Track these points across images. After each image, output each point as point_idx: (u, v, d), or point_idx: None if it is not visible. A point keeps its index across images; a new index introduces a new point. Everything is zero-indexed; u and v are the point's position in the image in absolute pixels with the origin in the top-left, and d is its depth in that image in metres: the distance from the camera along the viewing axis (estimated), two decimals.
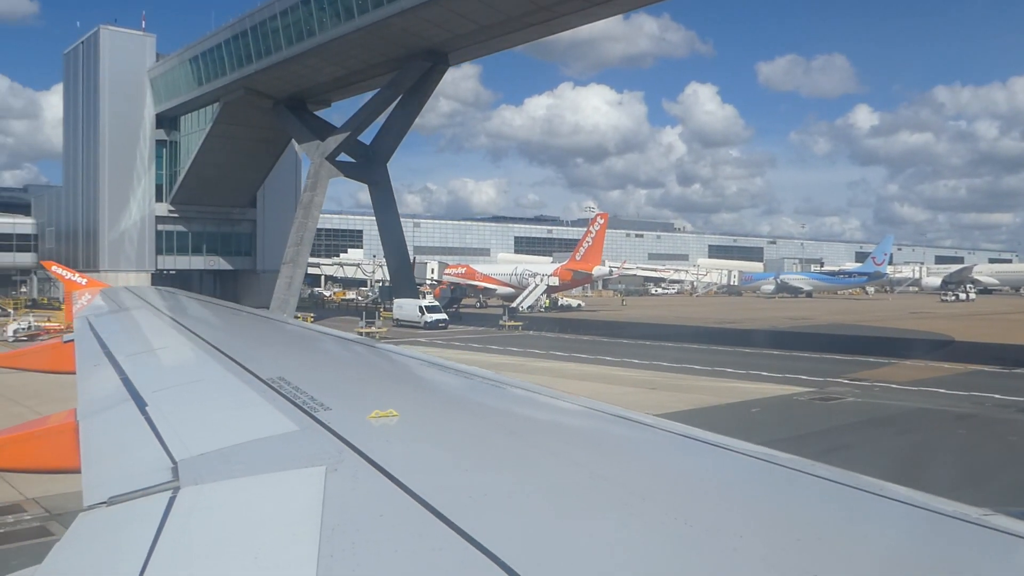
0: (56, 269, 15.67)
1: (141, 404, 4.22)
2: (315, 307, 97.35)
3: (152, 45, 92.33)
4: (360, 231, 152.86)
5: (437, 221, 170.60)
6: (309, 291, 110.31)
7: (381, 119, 74.71)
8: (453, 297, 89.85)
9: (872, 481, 2.63)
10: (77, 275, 14.49)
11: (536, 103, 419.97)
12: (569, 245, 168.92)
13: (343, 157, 74.50)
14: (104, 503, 2.75)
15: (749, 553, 2.05)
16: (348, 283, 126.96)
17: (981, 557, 2.17)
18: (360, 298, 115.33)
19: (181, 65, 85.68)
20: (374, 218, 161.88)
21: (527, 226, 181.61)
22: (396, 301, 71.51)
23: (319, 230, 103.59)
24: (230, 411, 4.09)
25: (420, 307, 69.21)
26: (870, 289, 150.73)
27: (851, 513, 2.49)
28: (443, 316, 69.03)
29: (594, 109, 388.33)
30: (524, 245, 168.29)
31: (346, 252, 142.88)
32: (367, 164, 75.02)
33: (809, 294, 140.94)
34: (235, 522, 2.50)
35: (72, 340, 7.28)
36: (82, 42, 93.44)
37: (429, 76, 68.51)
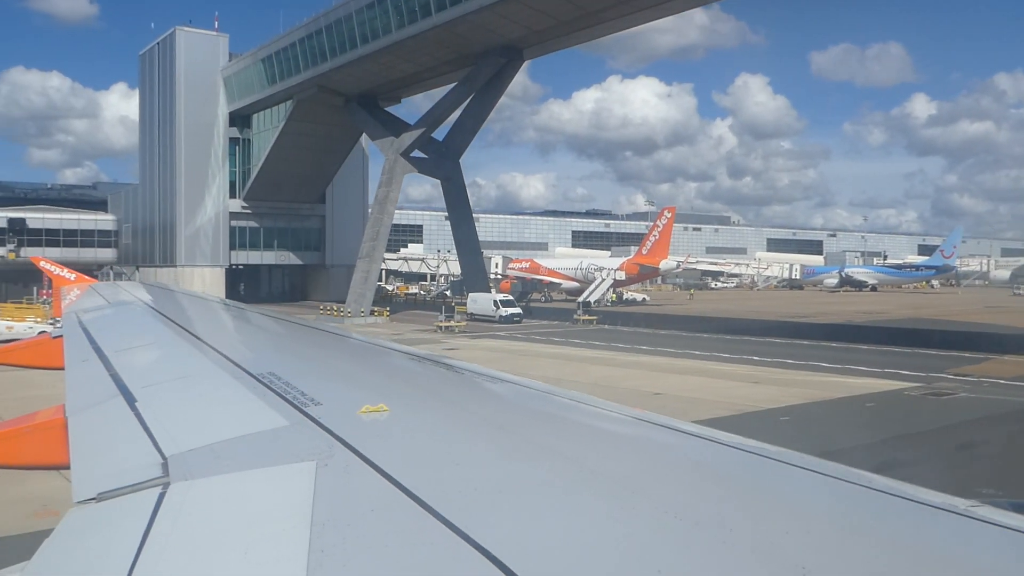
0: (44, 264, 15.35)
1: (130, 400, 4.19)
2: (381, 301, 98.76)
3: (225, 45, 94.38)
4: (420, 226, 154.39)
5: (495, 216, 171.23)
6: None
7: (446, 114, 75.58)
8: (523, 291, 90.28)
9: (860, 473, 2.64)
10: (65, 270, 14.40)
11: (584, 96, 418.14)
12: (625, 239, 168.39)
13: (416, 153, 75.38)
14: (93, 499, 2.74)
15: (739, 545, 2.06)
16: (409, 278, 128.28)
17: (968, 548, 2.17)
18: (423, 292, 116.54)
19: (254, 64, 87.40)
20: (434, 213, 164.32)
21: (584, 220, 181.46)
22: (470, 295, 72.12)
23: None
24: (220, 406, 4.07)
25: (494, 301, 69.74)
26: (935, 283, 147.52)
27: (840, 505, 2.49)
28: (518, 310, 69.48)
29: (643, 102, 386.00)
30: (581, 239, 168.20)
31: (406, 247, 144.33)
32: (440, 160, 75.82)
33: (874, 288, 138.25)
34: (225, 517, 2.50)
35: (61, 335, 7.24)
36: (158, 43, 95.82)
37: (503, 72, 69.01)
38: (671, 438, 3.32)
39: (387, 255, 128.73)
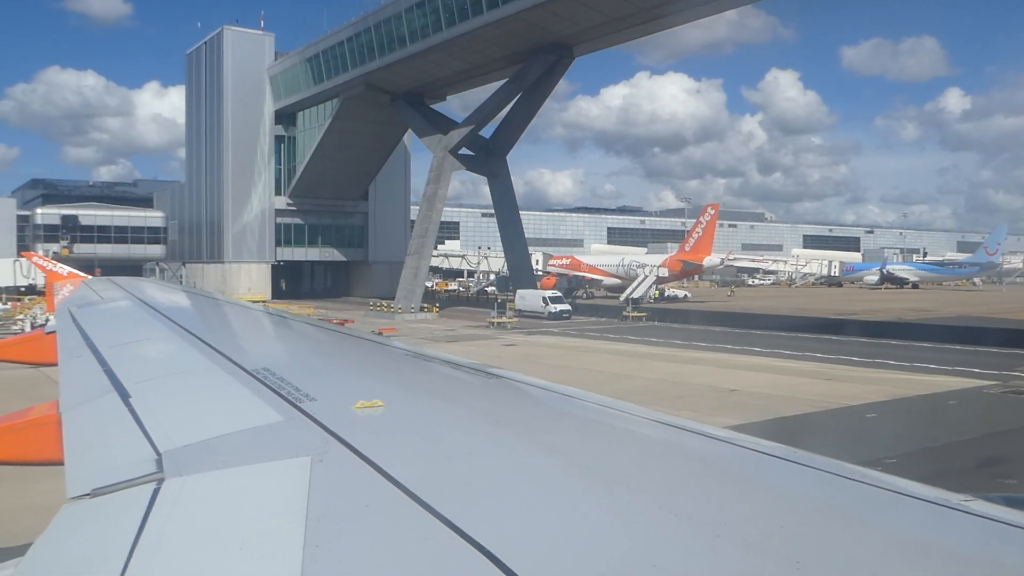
0: (37, 260, 15.03)
1: (124, 395, 4.17)
2: (423, 297, 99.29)
3: (271, 44, 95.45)
4: (456, 223, 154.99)
5: (531, 213, 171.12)
6: None
7: (494, 111, 75.82)
8: (569, 288, 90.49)
9: (854, 468, 2.65)
10: (58, 266, 14.30)
11: (612, 93, 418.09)
12: (660, 236, 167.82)
13: (462, 150, 75.78)
14: (88, 495, 2.74)
15: (732, 539, 2.07)
16: (447, 274, 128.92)
17: (962, 542, 2.18)
18: (462, 289, 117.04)
19: (301, 62, 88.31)
20: (470, 210, 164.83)
21: (619, 217, 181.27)
22: (518, 292, 72.41)
23: (412, 222, 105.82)
24: (215, 402, 4.05)
25: (543, 297, 69.99)
26: (977, 280, 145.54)
27: (833, 500, 2.51)
28: (567, 307, 69.68)
29: (672, 97, 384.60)
30: (616, 236, 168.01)
31: (443, 244, 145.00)
32: (487, 157, 76.17)
33: (915, 285, 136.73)
34: (220, 513, 2.50)
35: (54, 331, 7.23)
36: (205, 42, 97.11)
37: (553, 70, 69.09)
38: (666, 434, 3.31)
39: None
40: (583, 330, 60.08)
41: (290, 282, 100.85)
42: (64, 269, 14.12)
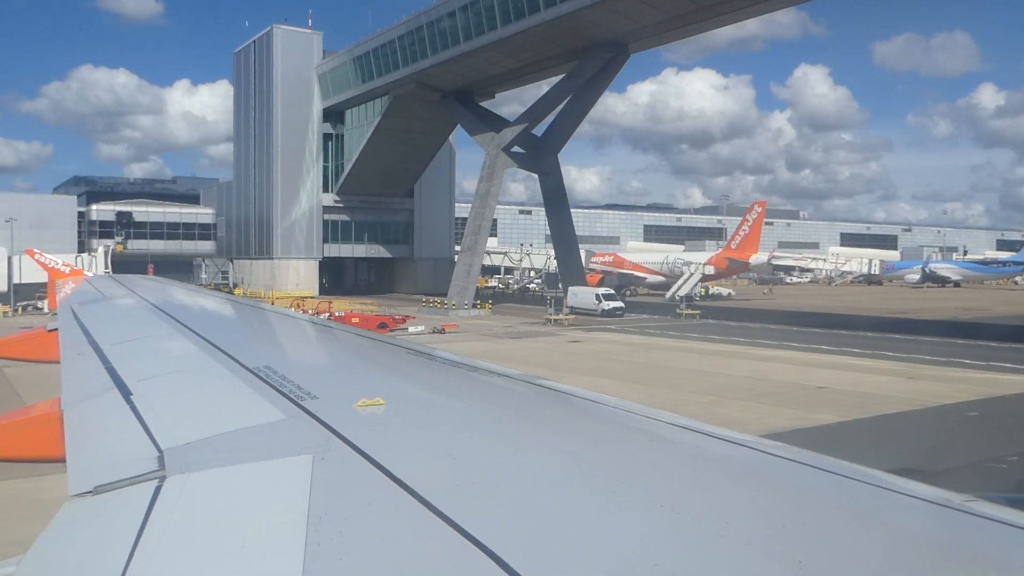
0: (39, 257, 15.11)
1: (126, 393, 4.16)
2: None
3: (319, 42, 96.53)
4: (494, 220, 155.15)
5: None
6: None
7: (548, 109, 76.09)
8: (619, 285, 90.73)
9: (856, 468, 2.64)
10: (60, 263, 14.30)
11: (639, 89, 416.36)
12: (696, 233, 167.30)
13: (513, 148, 76.19)
14: (90, 492, 2.74)
15: (735, 538, 2.07)
16: (486, 271, 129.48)
17: (963, 543, 2.18)
18: (501, 285, 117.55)
19: (350, 61, 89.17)
20: (507, 207, 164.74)
21: (655, 214, 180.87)
22: (570, 289, 72.75)
23: (456, 219, 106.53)
24: (216, 400, 4.05)
25: (596, 295, 70.29)
26: (1019, 279, 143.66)
27: (836, 500, 2.50)
28: (620, 304, 69.94)
29: (699, 94, 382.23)
30: (652, 233, 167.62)
31: None
32: (538, 155, 76.54)
33: (957, 284, 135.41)
34: (222, 511, 2.50)
35: (56, 329, 7.21)
36: (254, 41, 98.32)
37: (608, 68, 69.32)
38: (671, 433, 3.31)
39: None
40: (641, 328, 60.29)
41: (333, 278, 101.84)
42: (66, 267, 14.17)
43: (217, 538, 2.28)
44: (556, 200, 78.62)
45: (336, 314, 55.10)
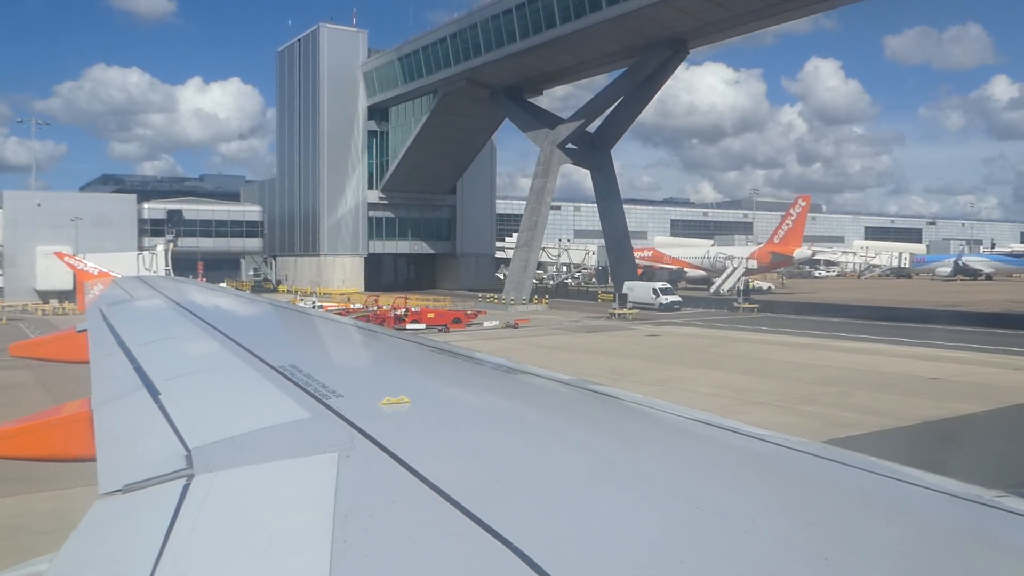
0: (68, 260, 15.23)
1: (154, 393, 4.22)
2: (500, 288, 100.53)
3: (364, 40, 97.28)
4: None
5: (595, 205, 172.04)
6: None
7: (605, 106, 76.72)
8: (671, 279, 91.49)
9: (884, 464, 2.64)
10: (89, 264, 14.48)
11: None
12: (724, 228, 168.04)
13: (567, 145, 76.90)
14: (119, 491, 2.78)
15: (760, 535, 2.08)
16: None
17: (993, 538, 2.16)
18: (536, 281, 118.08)
19: (397, 58, 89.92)
20: None
21: (683, 209, 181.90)
22: (626, 284, 73.44)
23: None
24: (242, 399, 4.10)
25: (654, 289, 71.03)
26: None
27: (863, 495, 2.49)
28: (677, 298, 70.71)
29: (710, 88, 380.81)
30: (680, 228, 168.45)
31: (511, 236, 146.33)
32: (592, 151, 77.27)
33: (989, 276, 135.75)
34: (249, 509, 2.52)
35: (85, 330, 7.34)
36: (299, 40, 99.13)
37: (666, 65, 69.93)
38: (694, 429, 3.33)
39: (509, 244, 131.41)
40: (707, 321, 60.92)
41: (374, 274, 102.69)
42: (95, 268, 14.35)
43: (244, 536, 2.31)
44: (608, 195, 79.40)
45: (412, 310, 55.98)
